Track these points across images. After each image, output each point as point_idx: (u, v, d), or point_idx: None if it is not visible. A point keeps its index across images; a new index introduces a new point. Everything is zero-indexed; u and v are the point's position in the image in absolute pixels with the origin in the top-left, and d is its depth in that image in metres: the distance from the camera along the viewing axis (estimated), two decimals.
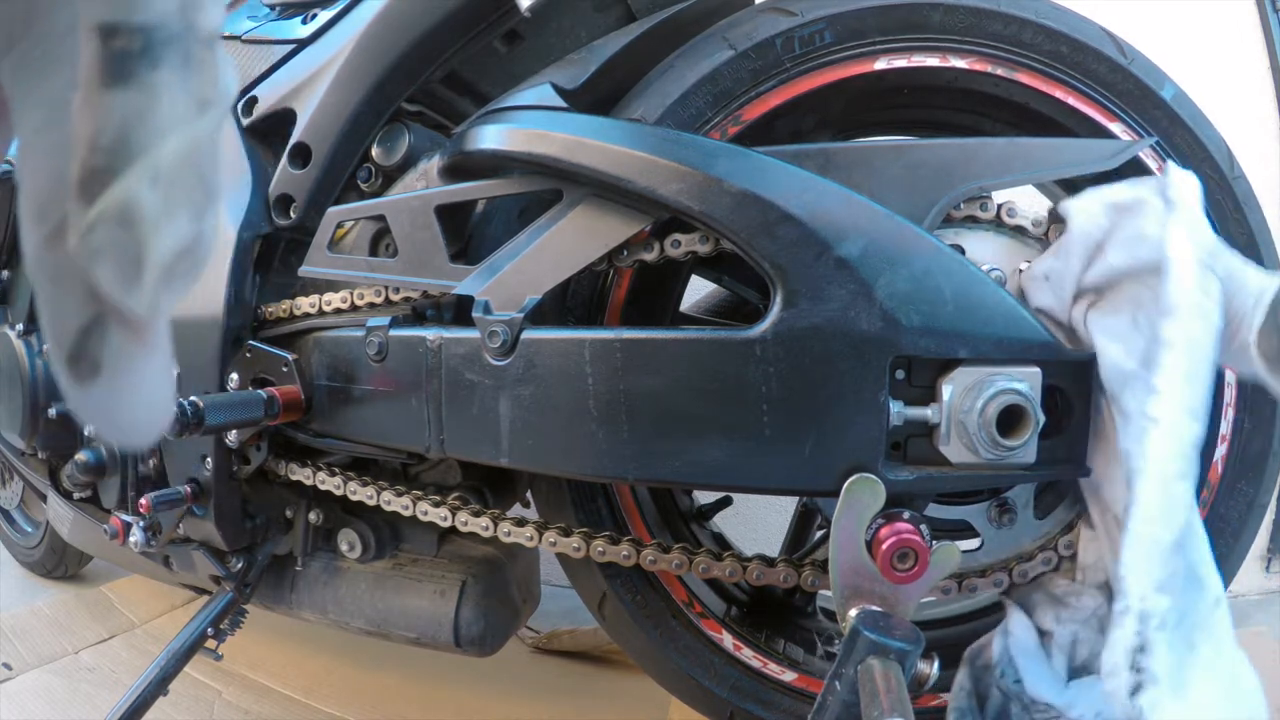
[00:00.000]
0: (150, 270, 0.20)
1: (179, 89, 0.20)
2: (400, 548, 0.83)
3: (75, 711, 1.00)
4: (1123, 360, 0.52)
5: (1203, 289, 0.50)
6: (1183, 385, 0.49)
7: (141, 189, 0.19)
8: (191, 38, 0.20)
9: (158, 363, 0.23)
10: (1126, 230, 0.53)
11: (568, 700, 1.09)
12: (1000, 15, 0.64)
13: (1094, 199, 0.55)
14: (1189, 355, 0.49)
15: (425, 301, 0.69)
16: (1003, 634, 0.60)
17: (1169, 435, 0.49)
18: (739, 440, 0.55)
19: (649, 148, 0.57)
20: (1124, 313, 0.52)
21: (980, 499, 0.66)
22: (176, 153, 0.20)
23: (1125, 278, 0.52)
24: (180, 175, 0.20)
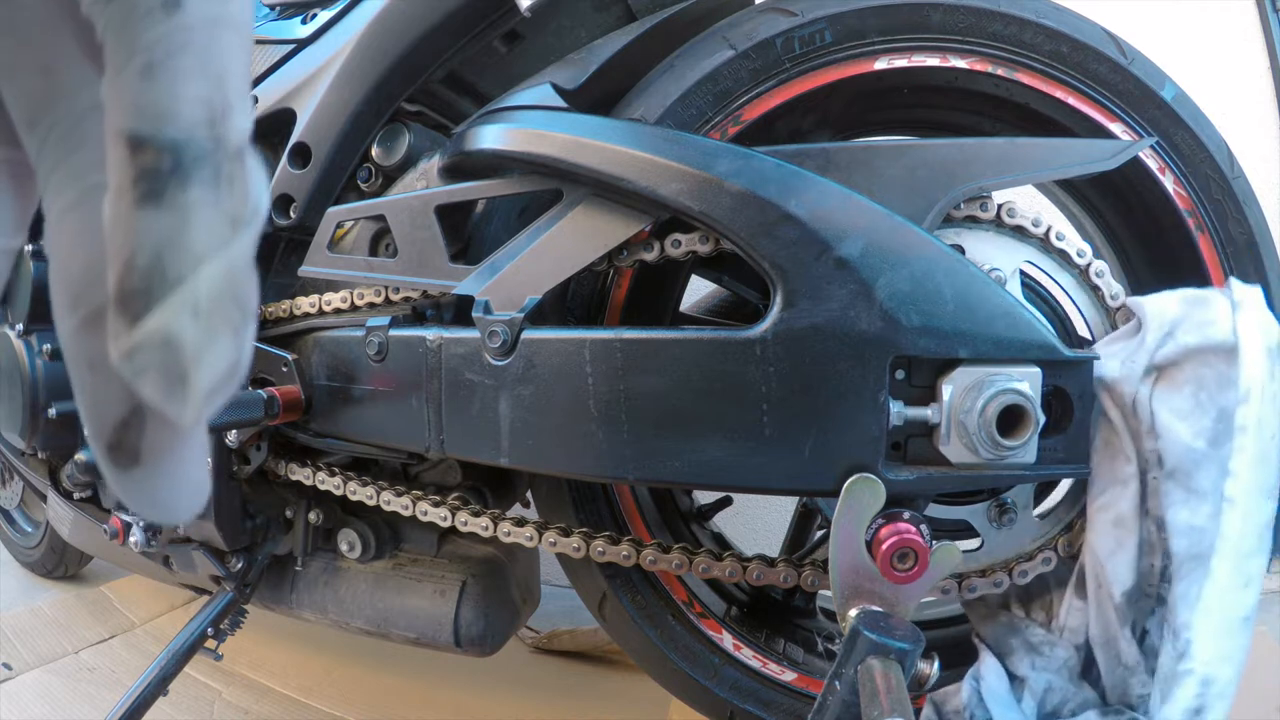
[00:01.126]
0: (193, 392, 0.20)
1: (211, 211, 0.20)
2: (400, 548, 0.83)
3: (75, 711, 1.00)
4: (1191, 440, 0.54)
5: (1272, 374, 0.52)
6: (1257, 467, 0.52)
7: (182, 323, 0.19)
8: (222, 153, 0.20)
9: (196, 447, 0.23)
10: (1197, 316, 0.55)
11: (568, 700, 1.09)
12: (1000, 15, 0.64)
13: (1167, 294, 0.58)
14: (1260, 438, 0.52)
15: (425, 301, 0.69)
16: (973, 678, 0.62)
17: (1245, 515, 0.52)
18: (739, 440, 0.55)
19: (649, 148, 0.57)
20: (1186, 390, 0.54)
21: (980, 499, 0.66)
22: (214, 281, 0.20)
23: (1191, 356, 0.54)
24: (219, 303, 0.20)
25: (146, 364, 0.19)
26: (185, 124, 0.20)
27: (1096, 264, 0.62)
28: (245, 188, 0.21)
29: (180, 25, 0.20)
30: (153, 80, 0.19)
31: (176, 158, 0.19)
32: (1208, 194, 0.65)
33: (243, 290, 0.21)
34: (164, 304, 0.19)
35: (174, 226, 0.19)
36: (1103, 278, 0.62)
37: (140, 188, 0.19)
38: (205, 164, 0.20)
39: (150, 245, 0.19)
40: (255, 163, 0.22)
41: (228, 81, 0.20)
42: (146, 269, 0.19)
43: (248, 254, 0.21)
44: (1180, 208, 0.66)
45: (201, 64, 0.20)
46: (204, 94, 0.20)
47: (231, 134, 0.20)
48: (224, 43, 0.20)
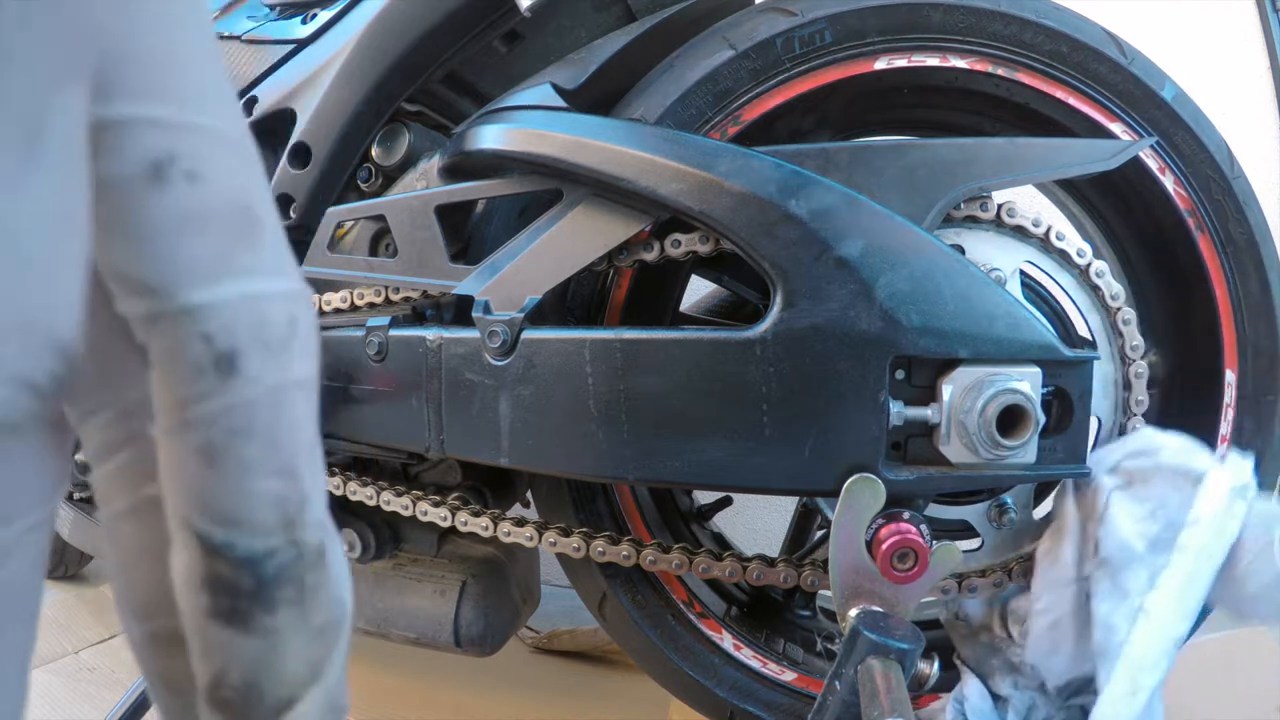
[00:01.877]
0: None
1: (300, 630, 0.18)
2: (400, 548, 0.83)
3: (75, 711, 1.00)
4: (1133, 539, 0.55)
5: (1229, 510, 0.53)
6: (1183, 589, 0.53)
7: None
8: (304, 563, 0.18)
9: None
10: (1181, 452, 0.57)
11: (568, 700, 1.09)
12: (1000, 15, 0.64)
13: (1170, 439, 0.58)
14: (1196, 563, 0.53)
15: (425, 301, 0.69)
16: (957, 700, 0.63)
17: (1155, 630, 0.53)
18: (739, 440, 0.55)
19: (649, 148, 0.57)
20: (1148, 503, 0.56)
21: (980, 499, 0.66)
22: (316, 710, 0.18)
23: (1164, 476, 0.56)
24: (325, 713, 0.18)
25: None
26: (260, 530, 0.17)
27: (1096, 264, 0.62)
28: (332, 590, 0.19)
29: (241, 400, 0.17)
30: (215, 470, 0.17)
31: (257, 575, 0.17)
32: (1208, 194, 0.65)
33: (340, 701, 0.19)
34: None
35: (265, 652, 0.17)
36: (1103, 278, 0.62)
37: (219, 601, 0.17)
38: (288, 580, 0.18)
39: (242, 669, 0.17)
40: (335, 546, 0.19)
41: (301, 467, 0.18)
42: (242, 690, 0.17)
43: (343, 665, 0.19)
44: (1180, 208, 0.66)
45: (270, 450, 0.17)
46: (277, 491, 0.17)
47: (310, 533, 0.18)
48: (292, 415, 0.17)
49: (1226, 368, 0.66)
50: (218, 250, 0.16)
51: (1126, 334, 0.63)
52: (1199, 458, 0.56)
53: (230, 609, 0.17)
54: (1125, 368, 0.63)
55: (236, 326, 0.16)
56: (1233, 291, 0.66)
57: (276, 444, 0.17)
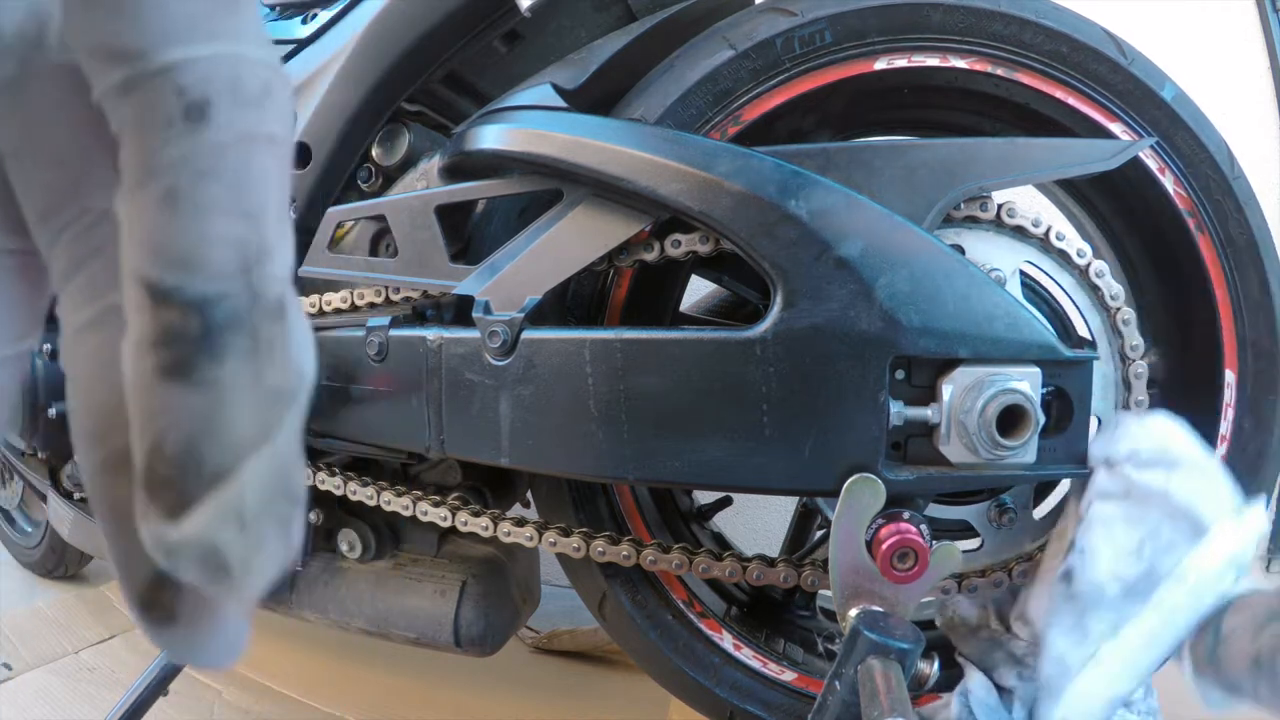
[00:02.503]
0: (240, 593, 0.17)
1: (250, 386, 0.16)
2: (400, 548, 0.83)
3: (75, 711, 1.00)
4: (1107, 581, 0.51)
5: (1218, 578, 0.50)
6: (1145, 649, 0.50)
7: (226, 535, 0.16)
8: (260, 311, 0.17)
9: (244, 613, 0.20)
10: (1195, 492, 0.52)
11: (568, 700, 1.09)
12: (1000, 15, 0.64)
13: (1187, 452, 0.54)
14: (1165, 624, 0.50)
15: (425, 301, 0.69)
16: (962, 694, 0.61)
17: (1105, 680, 0.50)
18: (739, 440, 0.55)
19: (649, 148, 0.57)
20: (1135, 534, 0.52)
21: (980, 499, 0.66)
22: (260, 481, 0.17)
23: (1166, 507, 0.52)
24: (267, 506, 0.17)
25: (186, 568, 0.16)
26: (214, 273, 0.16)
27: (1096, 264, 0.62)
28: (287, 352, 0.17)
29: (209, 144, 0.16)
30: (175, 212, 0.16)
31: (206, 320, 0.16)
32: (1208, 194, 0.65)
33: (293, 479, 0.17)
34: (203, 506, 0.16)
35: (208, 410, 0.16)
36: (1103, 278, 0.62)
37: (164, 354, 0.16)
38: (240, 328, 0.16)
39: (182, 430, 0.16)
40: (298, 314, 0.18)
41: (265, 216, 0.17)
42: (179, 458, 0.16)
43: (296, 435, 0.18)
44: (1180, 208, 0.66)
45: (234, 195, 0.16)
46: (237, 234, 0.16)
47: (270, 284, 0.17)
48: (261, 165, 0.17)
49: (1226, 368, 0.66)
50: (198, 12, 0.16)
51: (1126, 334, 0.63)
52: (1210, 503, 0.51)
53: (174, 361, 0.16)
54: (1125, 368, 0.63)
55: (211, 79, 0.16)
56: (1233, 291, 0.66)
57: (241, 188, 0.16)
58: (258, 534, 0.17)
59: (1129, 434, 0.54)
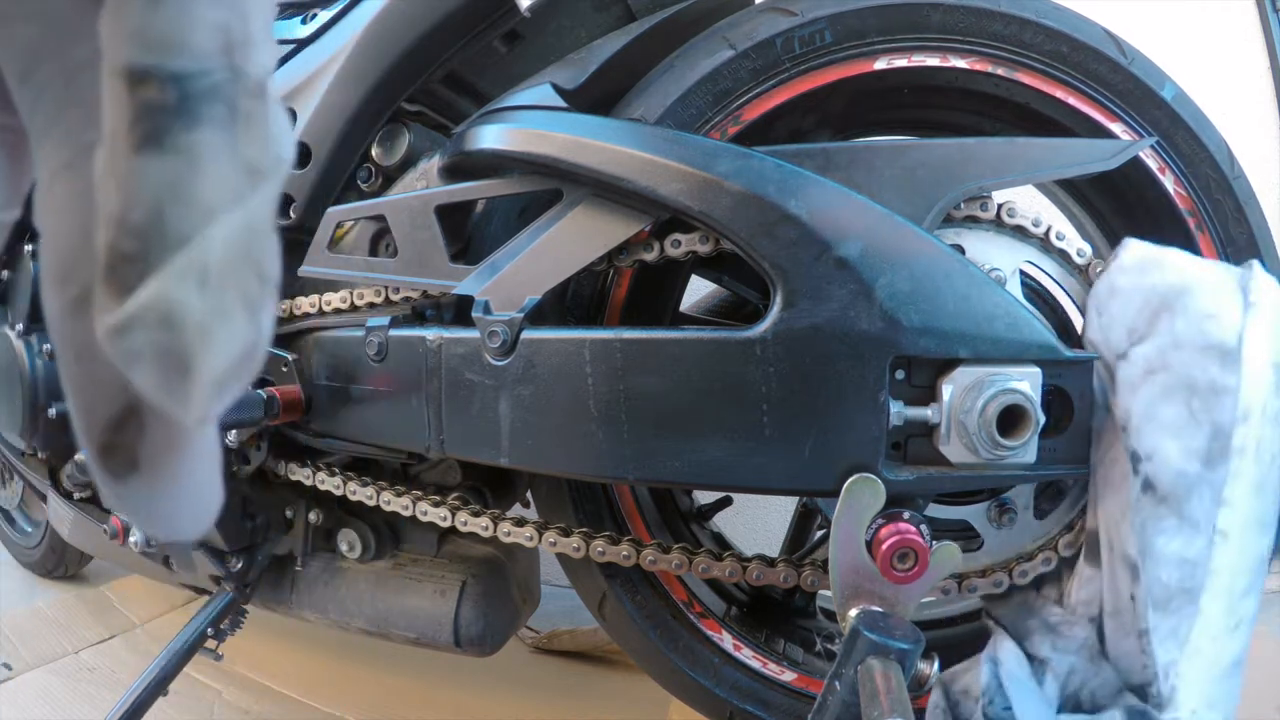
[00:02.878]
0: (198, 381, 0.16)
1: (224, 155, 0.16)
2: (400, 548, 0.83)
3: (75, 711, 1.00)
4: (1184, 462, 0.48)
5: (1276, 389, 0.47)
6: (1254, 497, 0.47)
7: (186, 292, 0.15)
8: (238, 87, 0.17)
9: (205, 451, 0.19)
10: (1199, 302, 0.49)
11: (568, 700, 1.09)
12: (1001, 15, 0.64)
13: (1169, 253, 0.51)
14: (1259, 464, 0.47)
15: (425, 301, 0.69)
16: (990, 661, 0.59)
17: (1240, 550, 0.48)
18: (739, 440, 0.55)
19: (649, 148, 0.57)
20: (1178, 399, 0.49)
21: (980, 499, 0.66)
22: (227, 242, 0.16)
23: (1183, 354, 0.49)
24: (232, 269, 0.16)
25: (141, 346, 0.15)
26: (196, 52, 0.16)
27: (1097, 264, 0.62)
28: (266, 130, 0.17)
29: None
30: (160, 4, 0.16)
31: (183, 91, 0.16)
32: (1208, 194, 0.65)
33: (262, 255, 0.17)
34: (164, 269, 0.15)
35: (179, 174, 0.16)
36: None
37: (139, 129, 0.16)
38: (218, 99, 0.16)
39: (149, 197, 0.15)
40: (279, 105, 0.18)
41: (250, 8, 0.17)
42: (143, 226, 0.15)
43: (268, 210, 0.17)
44: (1180, 208, 0.66)
45: None
46: (220, 19, 0.16)
47: (252, 66, 0.17)
48: None
49: None
50: None
51: None
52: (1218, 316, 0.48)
53: (148, 132, 0.15)
54: None
55: None
56: None
57: None
58: (220, 298, 0.16)
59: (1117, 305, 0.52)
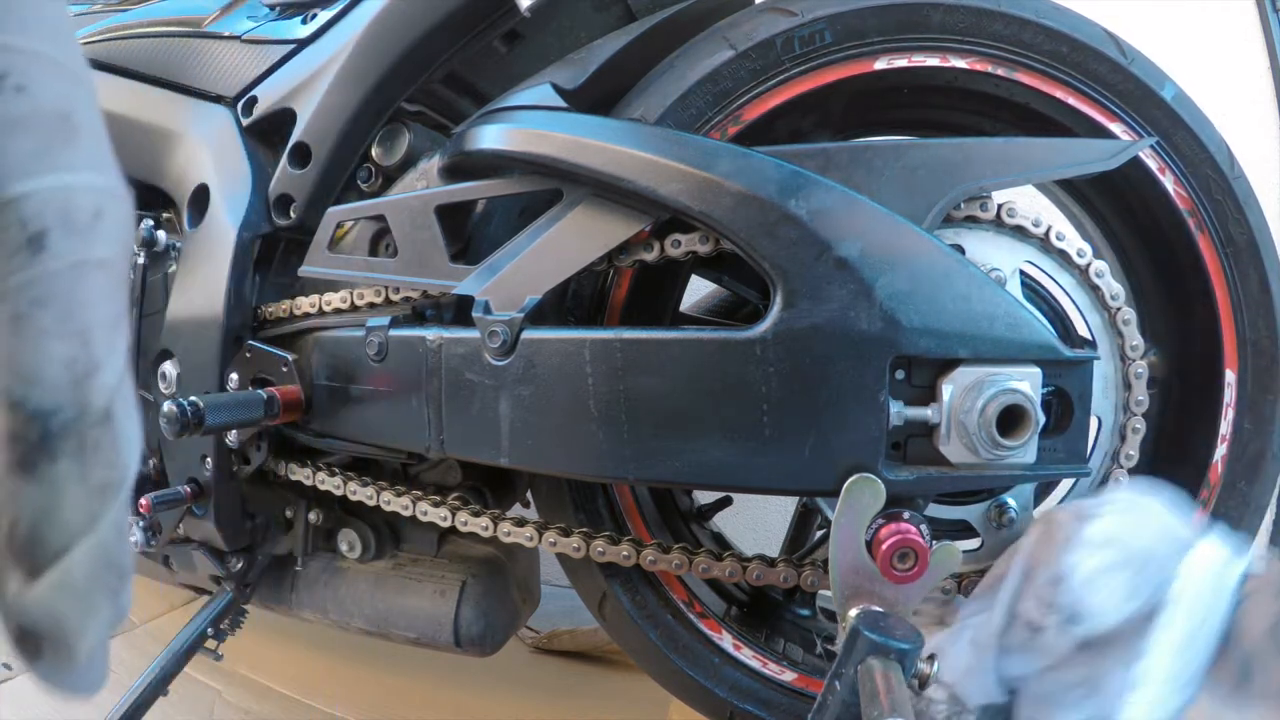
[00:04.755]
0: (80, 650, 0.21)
1: (78, 483, 0.20)
2: (400, 548, 0.83)
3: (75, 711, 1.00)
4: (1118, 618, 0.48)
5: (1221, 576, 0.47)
6: (1175, 654, 0.47)
7: (63, 603, 0.20)
8: (85, 421, 0.20)
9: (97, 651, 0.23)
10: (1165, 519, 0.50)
11: (568, 700, 1.09)
12: (1001, 15, 0.64)
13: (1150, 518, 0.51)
14: (1190, 617, 0.47)
15: (425, 301, 0.69)
16: None
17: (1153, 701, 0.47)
18: (739, 440, 0.55)
19: (649, 148, 0.57)
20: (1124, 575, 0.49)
21: (980, 499, 0.66)
22: (87, 560, 0.20)
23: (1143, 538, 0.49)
24: (94, 579, 0.21)
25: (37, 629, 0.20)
26: (49, 389, 0.20)
27: (1096, 264, 0.62)
28: (113, 450, 0.21)
29: (45, 272, 0.19)
30: (19, 335, 0.19)
31: (43, 427, 0.20)
32: (1208, 194, 0.65)
33: (117, 557, 0.21)
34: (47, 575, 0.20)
35: (46, 500, 0.20)
36: (1103, 278, 0.62)
37: (14, 452, 0.20)
38: (70, 435, 0.20)
39: (28, 516, 0.20)
40: (127, 413, 0.22)
41: (92, 335, 0.20)
42: (28, 538, 0.20)
43: (121, 521, 0.21)
44: (1180, 208, 0.66)
45: (64, 319, 0.20)
46: (67, 354, 0.20)
47: (96, 396, 0.20)
48: (89, 289, 0.20)
49: (1226, 368, 0.66)
50: (37, 149, 0.19)
51: (1126, 334, 0.63)
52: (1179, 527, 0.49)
53: (20, 458, 0.20)
54: (1125, 367, 0.63)
55: (46, 211, 0.19)
56: (1233, 291, 0.66)
57: (70, 313, 0.20)
58: (88, 603, 0.20)
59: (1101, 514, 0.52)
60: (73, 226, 0.20)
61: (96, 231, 0.20)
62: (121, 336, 0.21)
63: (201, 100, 0.83)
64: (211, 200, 0.77)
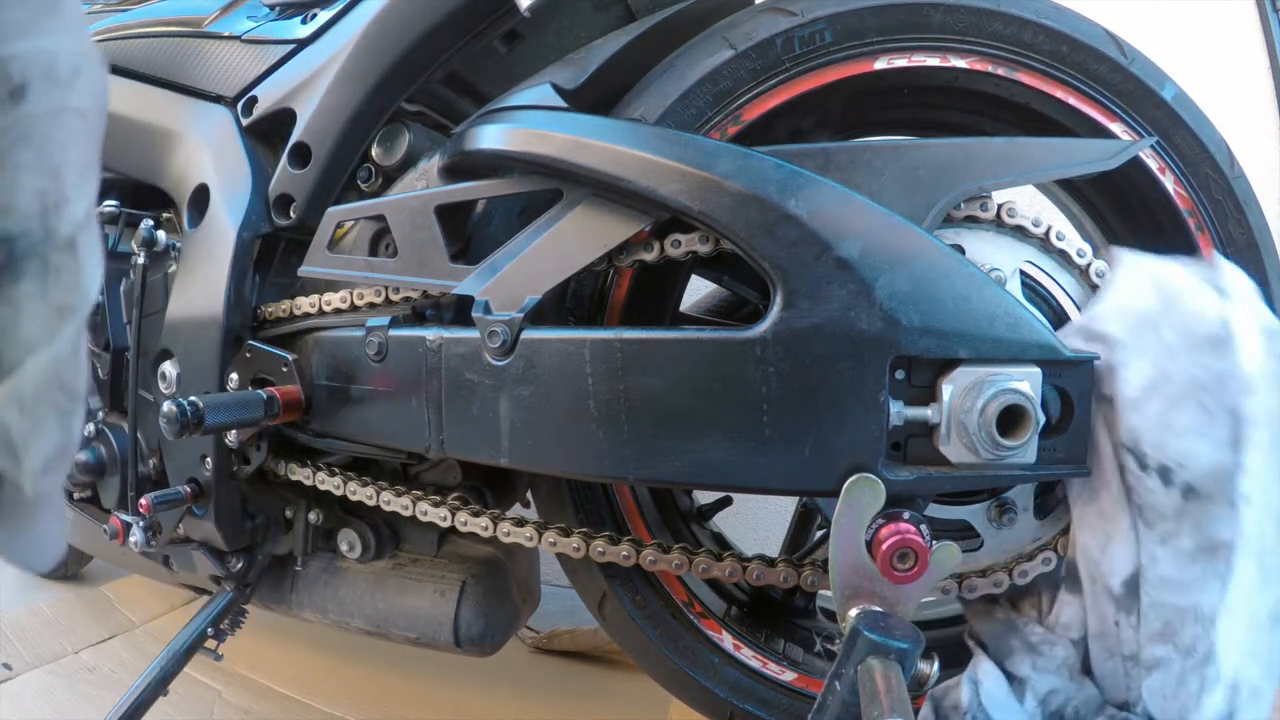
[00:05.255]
0: (26, 469, 0.21)
1: (39, 302, 0.21)
2: (400, 548, 0.83)
3: (75, 711, 1.00)
4: (1217, 454, 0.50)
5: (1273, 354, 0.49)
6: (1270, 457, 0.48)
7: (9, 415, 0.21)
8: (50, 245, 0.22)
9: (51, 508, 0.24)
10: (1181, 309, 0.52)
11: (568, 700, 1.09)
12: (1001, 15, 0.64)
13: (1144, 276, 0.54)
14: (1272, 427, 0.48)
15: (425, 301, 0.69)
16: (972, 682, 0.60)
17: (1263, 510, 0.49)
18: (739, 440, 0.55)
19: (649, 148, 0.57)
20: (1189, 402, 0.50)
21: (980, 499, 0.66)
22: (38, 373, 0.21)
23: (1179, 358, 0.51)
24: (44, 393, 0.21)
25: None
26: (19, 217, 0.21)
27: (1096, 264, 0.62)
28: (76, 276, 0.22)
29: (24, 116, 0.21)
30: None
31: (10, 250, 0.21)
32: (1208, 194, 0.65)
33: (70, 377, 0.22)
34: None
35: (6, 317, 0.21)
36: (1103, 278, 0.62)
37: None
38: (34, 256, 0.21)
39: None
40: (91, 247, 0.23)
41: (65, 172, 0.22)
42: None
43: (76, 341, 0.22)
44: (1180, 208, 0.66)
45: (40, 157, 0.21)
46: (39, 186, 0.21)
47: (63, 224, 0.22)
48: (65, 132, 0.22)
49: None
50: (23, 19, 0.21)
51: None
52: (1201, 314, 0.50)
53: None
54: None
55: (30, 67, 0.21)
56: None
57: (47, 151, 0.21)
58: (36, 416, 0.21)
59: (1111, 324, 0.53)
60: (53, 80, 0.21)
61: (74, 86, 0.22)
62: (92, 180, 0.23)
63: (201, 100, 0.83)
64: (211, 200, 0.77)
